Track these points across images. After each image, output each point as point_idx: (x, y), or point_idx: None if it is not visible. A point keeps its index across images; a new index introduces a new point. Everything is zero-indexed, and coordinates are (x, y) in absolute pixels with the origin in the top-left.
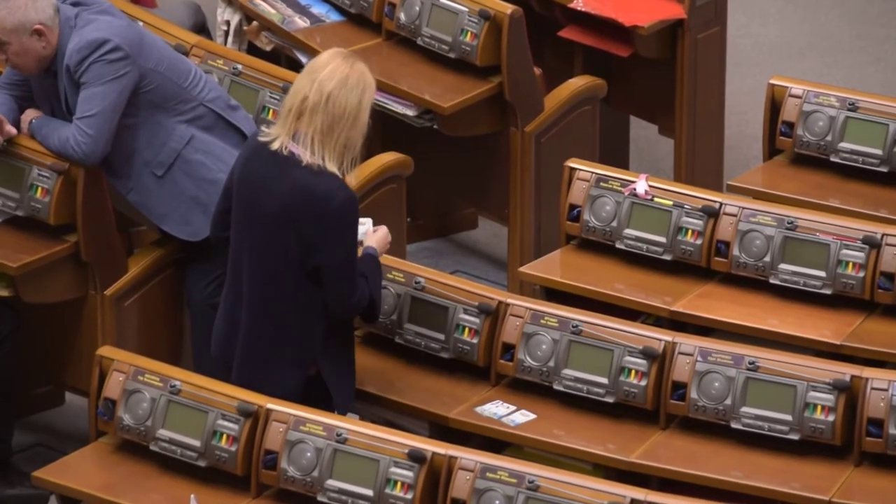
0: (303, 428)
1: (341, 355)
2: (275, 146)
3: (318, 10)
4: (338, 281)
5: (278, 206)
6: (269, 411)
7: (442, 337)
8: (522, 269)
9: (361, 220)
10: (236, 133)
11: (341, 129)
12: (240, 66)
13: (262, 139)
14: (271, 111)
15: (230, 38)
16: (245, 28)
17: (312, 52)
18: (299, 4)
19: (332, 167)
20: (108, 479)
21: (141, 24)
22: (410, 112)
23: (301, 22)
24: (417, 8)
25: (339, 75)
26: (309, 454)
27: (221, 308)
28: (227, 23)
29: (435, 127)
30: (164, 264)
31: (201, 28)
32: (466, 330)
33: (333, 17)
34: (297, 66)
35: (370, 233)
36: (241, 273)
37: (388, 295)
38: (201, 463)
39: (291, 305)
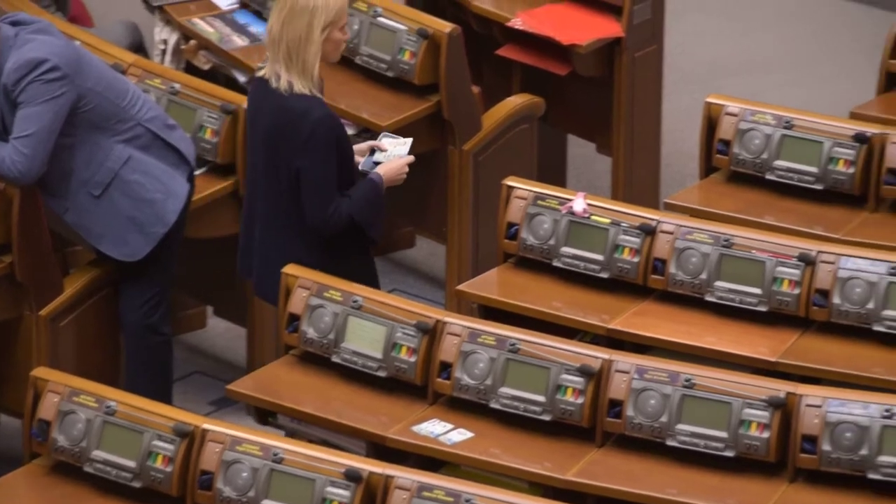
0: (239, 448)
1: (350, 265)
2: (266, 75)
3: (256, 28)
4: (310, 193)
5: (267, 127)
6: (204, 431)
7: (379, 356)
8: (460, 287)
9: (398, 140)
10: (174, 153)
11: (298, 53)
12: (177, 86)
13: (257, 72)
14: (209, 130)
15: (168, 57)
16: (183, 47)
17: (251, 71)
18: (237, 23)
19: (300, 88)
20: (42, 502)
21: (78, 43)
22: (349, 131)
23: (239, 41)
24: (356, 27)
25: (290, 3)
26: (245, 474)
27: (241, 227)
28: (165, 42)
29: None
30: (100, 285)
31: (139, 47)
32: (404, 349)
33: None
34: (235, 86)
35: (392, 157)
36: (255, 192)
37: (324, 313)
38: (136, 484)
39: (294, 217)
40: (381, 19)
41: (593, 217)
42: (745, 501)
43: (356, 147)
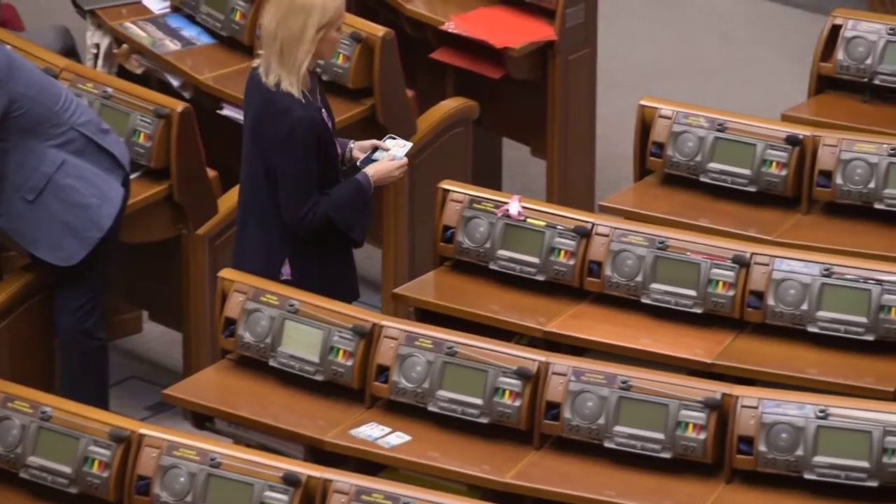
0: (175, 453)
1: (321, 265)
2: (259, 69)
3: (189, 32)
4: (286, 191)
5: (252, 120)
6: (141, 436)
7: (316, 359)
8: (397, 290)
9: (400, 142)
10: (108, 157)
11: (290, 51)
12: (110, 90)
13: (253, 65)
14: (142, 134)
15: (100, 62)
16: (115, 51)
17: (184, 75)
18: (170, 27)
19: (287, 87)
20: None
21: (9, 48)
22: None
23: (171, 45)
24: None
25: (288, 1)
26: (182, 479)
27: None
28: (97, 46)
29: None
30: (33, 290)
31: (70, 51)
32: (341, 352)
33: (204, 39)
34: (167, 90)
35: (384, 158)
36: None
37: (261, 318)
38: (73, 490)
39: (271, 211)
40: None
41: (529, 220)
42: (683, 502)
43: (358, 144)
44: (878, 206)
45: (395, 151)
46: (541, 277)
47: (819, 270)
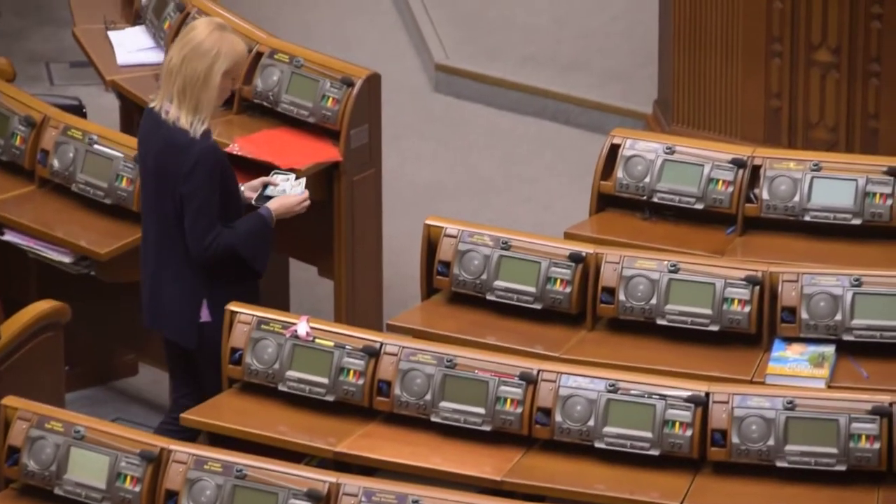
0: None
1: (234, 292)
2: (156, 106)
3: None
4: (191, 221)
5: (154, 160)
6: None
7: (103, 486)
8: (184, 414)
9: (289, 176)
10: None
11: (192, 91)
12: None
13: (150, 104)
14: None
15: None
16: None
17: None
18: None
19: (185, 124)
20: None
21: None
22: (66, 259)
23: None
24: (71, 155)
25: (195, 41)
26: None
27: (141, 275)
28: None
29: (93, 273)
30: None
31: None
32: (128, 478)
33: None
34: None
35: (286, 194)
36: (148, 226)
37: (45, 445)
38: None
39: (182, 246)
40: (97, 147)
41: (317, 340)
42: None
43: (248, 184)
44: (660, 321)
45: (284, 186)
46: (330, 398)
47: (605, 386)
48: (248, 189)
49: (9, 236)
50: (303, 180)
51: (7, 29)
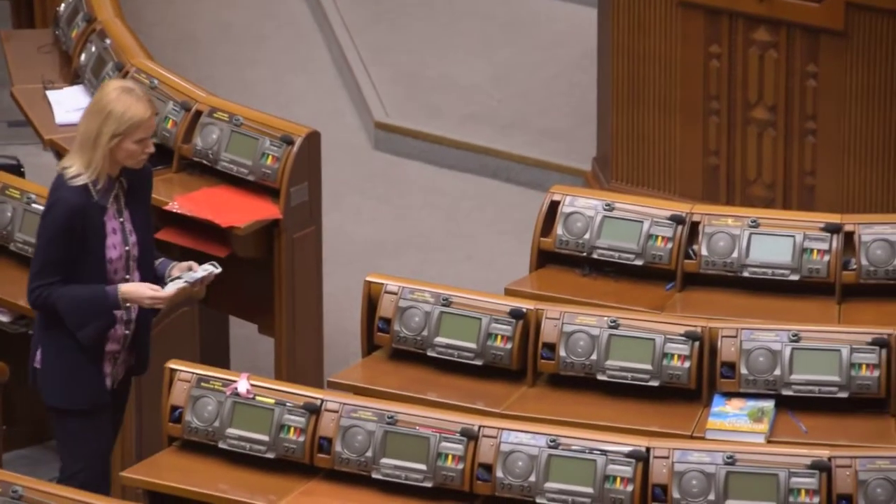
0: None
1: (63, 357)
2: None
3: None
4: (32, 260)
5: None
6: None
7: None
8: (125, 472)
9: (209, 271)
10: None
11: (83, 147)
12: None
13: None
14: None
15: None
16: None
17: None
18: None
19: (70, 172)
20: None
21: None
22: (5, 318)
23: None
24: (9, 214)
25: (96, 99)
26: None
27: None
28: None
29: (30, 332)
30: None
31: None
32: None
33: None
34: None
35: (187, 280)
36: None
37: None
38: None
39: None
40: (35, 205)
41: (258, 397)
42: None
43: (179, 264)
44: (600, 377)
45: (193, 275)
46: (270, 455)
47: (546, 442)
48: (177, 269)
49: None
50: (215, 270)
51: None
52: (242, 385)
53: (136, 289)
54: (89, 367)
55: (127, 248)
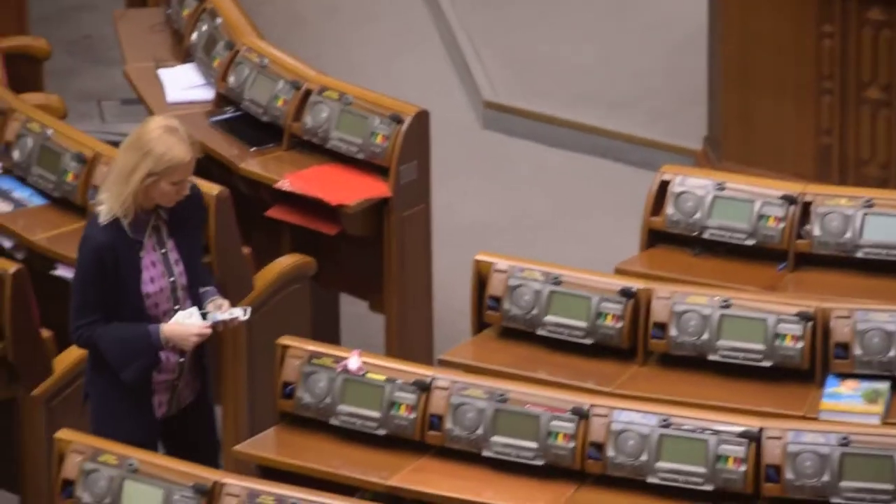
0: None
1: (105, 387)
2: None
3: (20, 194)
4: (70, 304)
5: None
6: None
7: None
8: (237, 447)
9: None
10: None
11: (117, 181)
12: None
13: None
14: None
15: None
16: None
17: (16, 236)
18: (0, 189)
19: (104, 209)
20: None
21: None
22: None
23: (3, 206)
24: None
25: (137, 134)
26: None
27: None
28: None
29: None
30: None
31: None
32: None
33: (36, 200)
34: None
35: (192, 315)
36: None
37: (99, 478)
38: None
39: None
40: None
41: (368, 374)
42: None
43: (216, 300)
44: (711, 357)
45: (216, 315)
46: (382, 432)
47: (657, 421)
48: (212, 305)
49: (60, 271)
50: (247, 311)
51: (59, 68)
52: (353, 362)
53: (179, 330)
54: (136, 402)
55: (172, 278)
